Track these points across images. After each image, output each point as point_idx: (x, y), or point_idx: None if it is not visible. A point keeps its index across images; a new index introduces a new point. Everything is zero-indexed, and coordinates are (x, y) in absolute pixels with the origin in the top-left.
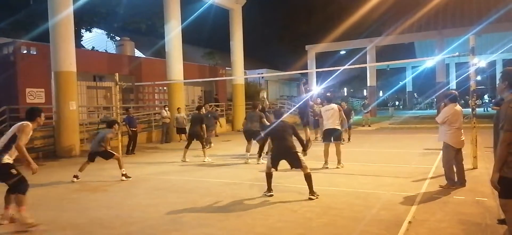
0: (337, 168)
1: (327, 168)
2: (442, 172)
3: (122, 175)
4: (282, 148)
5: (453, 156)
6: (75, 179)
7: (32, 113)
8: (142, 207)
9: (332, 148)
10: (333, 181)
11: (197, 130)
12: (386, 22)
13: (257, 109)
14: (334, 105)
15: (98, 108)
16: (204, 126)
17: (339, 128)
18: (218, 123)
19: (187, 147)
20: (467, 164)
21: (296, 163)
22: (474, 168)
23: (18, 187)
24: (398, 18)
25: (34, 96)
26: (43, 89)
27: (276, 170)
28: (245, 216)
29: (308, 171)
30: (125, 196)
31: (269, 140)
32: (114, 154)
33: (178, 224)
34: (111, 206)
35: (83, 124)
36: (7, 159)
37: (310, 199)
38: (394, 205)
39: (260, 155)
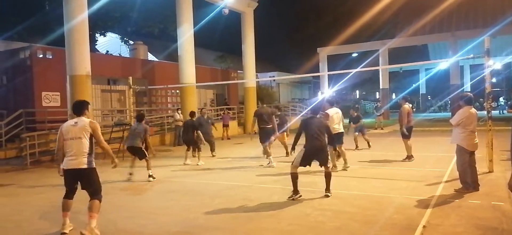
0: (346, 169)
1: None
2: (457, 176)
3: (149, 176)
4: (317, 147)
5: (467, 159)
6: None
7: (83, 106)
8: (155, 209)
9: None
10: (346, 184)
11: (191, 137)
12: (399, 24)
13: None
14: (338, 109)
15: (112, 111)
16: (199, 132)
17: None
18: (214, 127)
19: (188, 150)
20: (482, 167)
21: (325, 162)
22: (489, 172)
23: (99, 192)
24: (411, 19)
25: (49, 99)
26: (58, 93)
27: (310, 166)
28: (256, 219)
29: (330, 170)
30: (138, 198)
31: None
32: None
33: (189, 227)
34: (124, 208)
35: None
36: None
37: (326, 196)
38: (408, 209)
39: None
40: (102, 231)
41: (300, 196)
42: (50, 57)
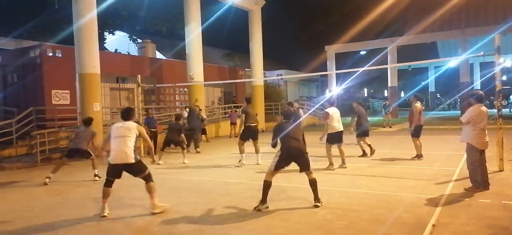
0: (345, 168)
1: (333, 169)
2: (467, 174)
3: (95, 175)
4: (294, 149)
5: (477, 157)
6: (47, 180)
7: (130, 114)
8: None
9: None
10: (354, 182)
11: (175, 138)
12: (408, 21)
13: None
14: (337, 109)
15: (121, 109)
16: (182, 135)
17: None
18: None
19: (162, 150)
20: (493, 166)
21: (305, 166)
22: (500, 171)
23: (150, 176)
24: (420, 17)
25: (59, 97)
26: (68, 91)
27: (283, 168)
28: (264, 217)
29: (314, 176)
30: (146, 195)
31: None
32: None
33: (197, 225)
34: (133, 205)
35: (107, 125)
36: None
37: (315, 206)
38: (417, 207)
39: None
40: (110, 227)
41: (267, 207)
42: (60, 55)
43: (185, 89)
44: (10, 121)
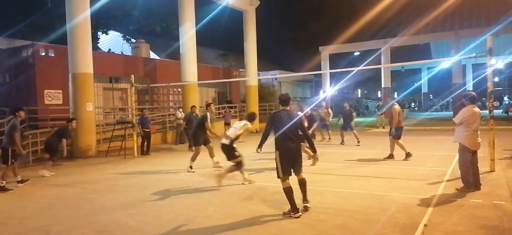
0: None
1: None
2: (458, 175)
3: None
4: (292, 153)
5: (469, 158)
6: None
7: (252, 117)
8: (157, 207)
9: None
10: (347, 183)
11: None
12: (401, 22)
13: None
14: None
15: (114, 109)
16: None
17: None
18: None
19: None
20: (484, 166)
21: (299, 170)
22: (491, 171)
23: (241, 164)
24: (414, 18)
25: (52, 97)
26: (60, 91)
27: (290, 175)
28: (258, 217)
29: (304, 176)
30: (141, 196)
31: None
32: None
33: (192, 224)
34: (127, 206)
35: (100, 125)
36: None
37: (305, 207)
38: (409, 207)
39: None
40: (104, 228)
41: (300, 215)
42: (53, 55)
43: (179, 89)
44: (1, 120)
